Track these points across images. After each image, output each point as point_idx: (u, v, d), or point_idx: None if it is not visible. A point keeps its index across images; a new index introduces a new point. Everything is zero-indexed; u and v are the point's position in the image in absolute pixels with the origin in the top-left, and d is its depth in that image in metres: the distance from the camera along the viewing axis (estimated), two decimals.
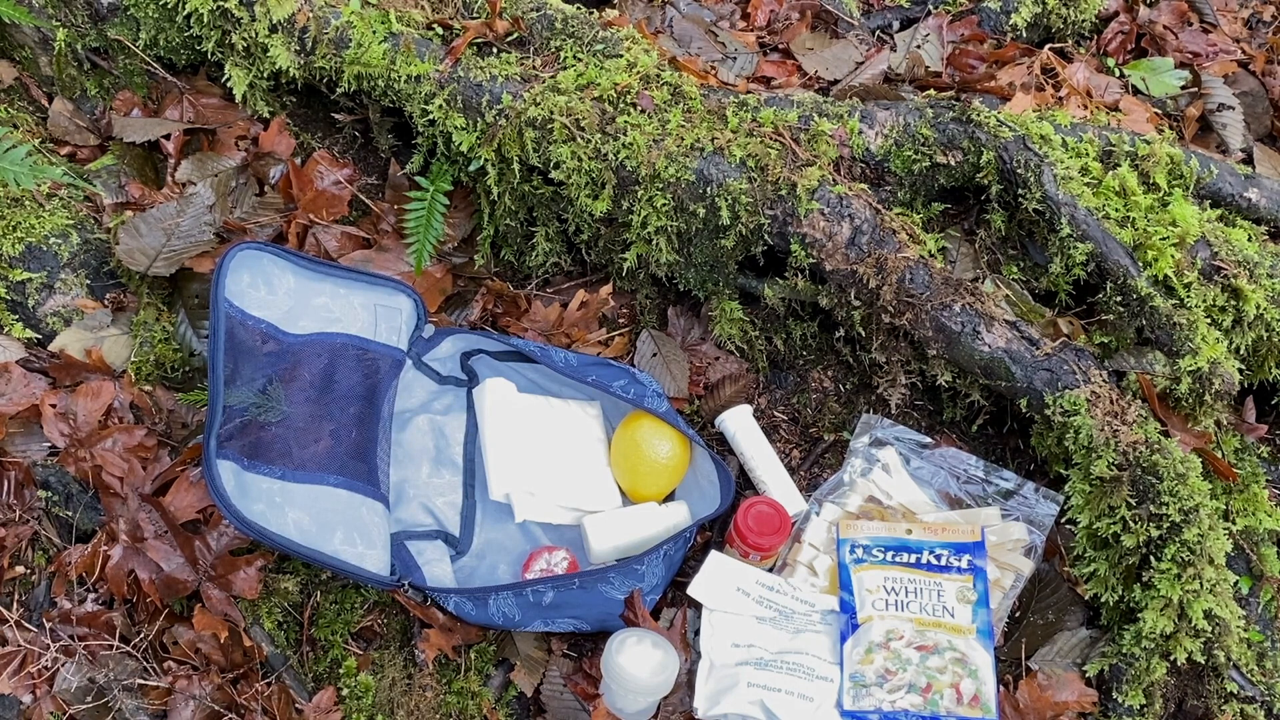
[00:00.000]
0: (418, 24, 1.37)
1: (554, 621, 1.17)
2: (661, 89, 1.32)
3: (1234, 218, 1.35)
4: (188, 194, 1.40)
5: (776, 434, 1.38)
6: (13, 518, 1.20)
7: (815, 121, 1.30)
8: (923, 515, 1.25)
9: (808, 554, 1.23)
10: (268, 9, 1.35)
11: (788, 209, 1.26)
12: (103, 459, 1.22)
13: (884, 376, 1.33)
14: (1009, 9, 1.63)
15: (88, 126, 1.48)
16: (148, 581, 1.17)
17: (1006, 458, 1.35)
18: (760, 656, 1.13)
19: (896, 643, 1.13)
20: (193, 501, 1.21)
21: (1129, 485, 1.15)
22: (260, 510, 1.09)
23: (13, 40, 1.46)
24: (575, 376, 1.26)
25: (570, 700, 1.17)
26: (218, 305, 1.17)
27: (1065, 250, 1.24)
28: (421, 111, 1.35)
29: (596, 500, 1.27)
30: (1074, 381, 1.20)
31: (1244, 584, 1.20)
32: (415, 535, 1.23)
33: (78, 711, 1.12)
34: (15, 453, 1.23)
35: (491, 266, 1.48)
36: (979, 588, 1.17)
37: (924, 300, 1.22)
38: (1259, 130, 1.64)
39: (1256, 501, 1.24)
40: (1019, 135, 1.25)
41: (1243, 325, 1.25)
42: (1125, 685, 1.14)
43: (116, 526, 1.18)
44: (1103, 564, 1.19)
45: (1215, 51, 1.70)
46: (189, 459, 1.24)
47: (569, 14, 1.38)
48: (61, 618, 1.16)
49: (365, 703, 1.18)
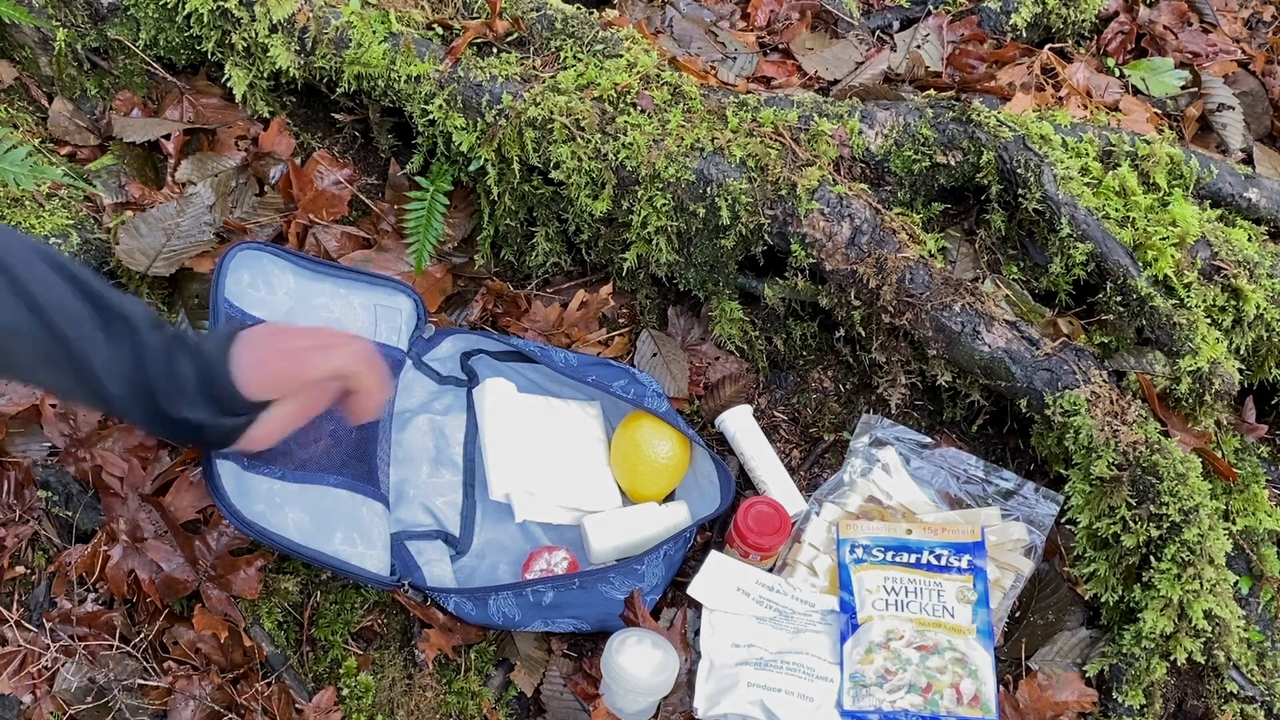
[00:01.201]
0: (418, 24, 1.37)
1: (554, 621, 1.17)
2: (661, 89, 1.32)
3: (1234, 218, 1.35)
4: (188, 194, 1.40)
5: (776, 434, 1.38)
6: (13, 518, 1.20)
7: (815, 121, 1.30)
8: (923, 515, 1.25)
9: (808, 554, 1.23)
10: (268, 9, 1.35)
11: (788, 209, 1.26)
12: (103, 459, 1.22)
13: (884, 376, 1.33)
14: (1009, 9, 1.63)
15: (88, 126, 1.48)
16: (148, 581, 1.17)
17: (1006, 458, 1.35)
18: (760, 656, 1.13)
19: (896, 643, 1.13)
20: (193, 501, 1.21)
21: (1129, 485, 1.15)
22: (260, 510, 1.09)
23: (13, 40, 1.46)
24: (575, 376, 1.26)
25: (570, 700, 1.17)
26: (217, 305, 1.17)
27: (1065, 250, 1.24)
28: (421, 111, 1.35)
29: (596, 500, 1.27)
30: (1074, 381, 1.20)
31: (1244, 584, 1.20)
32: (415, 535, 1.23)
33: (78, 711, 1.12)
34: (15, 453, 1.23)
35: (491, 266, 1.48)
36: (979, 588, 1.17)
37: (924, 300, 1.22)
38: (1259, 130, 1.64)
39: (1256, 501, 1.24)
40: (1019, 135, 1.25)
41: (1243, 325, 1.25)
42: (1125, 685, 1.14)
43: (116, 526, 1.18)
44: (1103, 564, 1.19)
45: (1215, 51, 1.69)
46: (189, 459, 1.24)
47: (569, 14, 1.38)
48: (61, 618, 1.16)
49: (365, 703, 1.18)
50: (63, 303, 0.89)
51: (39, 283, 0.87)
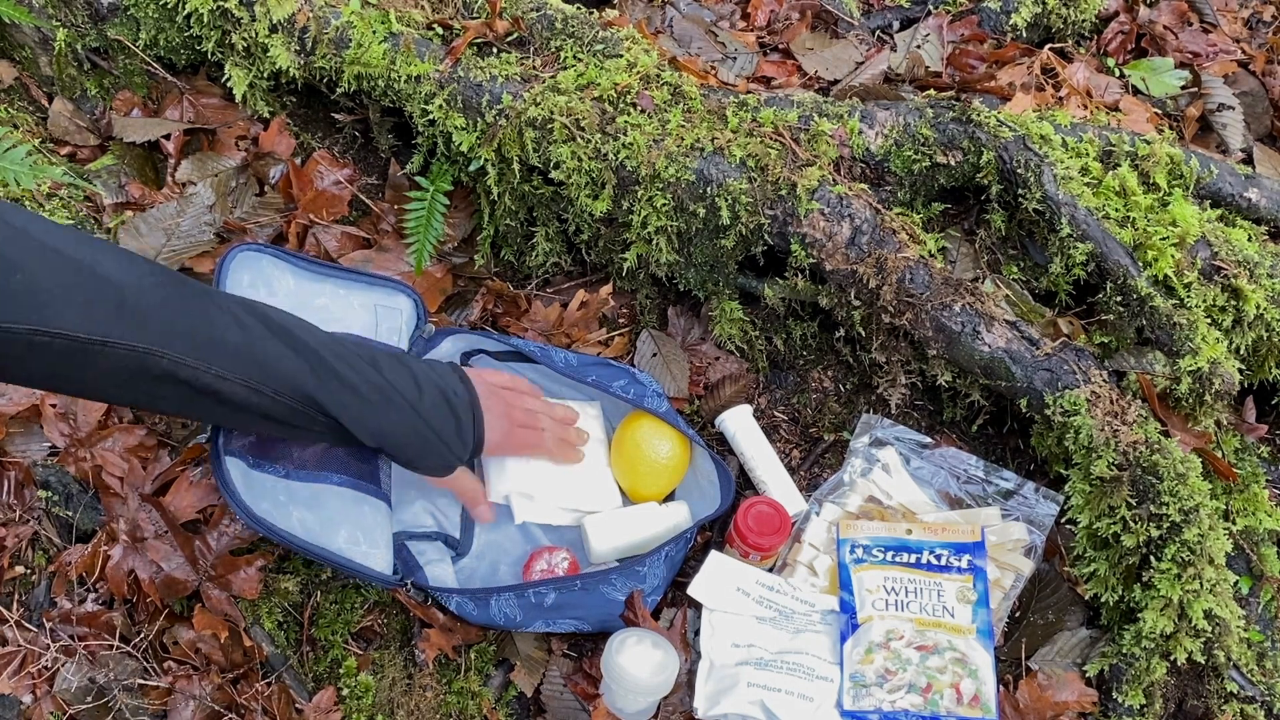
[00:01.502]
0: (418, 24, 1.37)
1: (555, 622, 1.17)
2: (661, 89, 1.32)
3: (1234, 218, 1.35)
4: (188, 194, 1.40)
5: (776, 434, 1.38)
6: (13, 518, 1.20)
7: (815, 121, 1.30)
8: (923, 515, 1.25)
9: (808, 554, 1.23)
10: (268, 9, 1.35)
11: (788, 209, 1.26)
12: (103, 459, 1.22)
13: (884, 376, 1.33)
14: (1009, 9, 1.63)
15: (88, 126, 1.48)
16: (148, 581, 1.17)
17: (1006, 458, 1.35)
18: (760, 656, 1.13)
19: (896, 643, 1.13)
20: (193, 501, 1.21)
21: (1129, 485, 1.15)
22: (266, 509, 1.10)
23: (13, 40, 1.46)
24: (575, 376, 1.26)
25: (570, 700, 1.17)
26: None
27: (1065, 250, 1.24)
28: (421, 111, 1.35)
29: (596, 500, 1.27)
30: (1074, 381, 1.20)
31: (1244, 584, 1.20)
32: (416, 536, 1.23)
33: (78, 711, 1.12)
34: (15, 453, 1.23)
35: (491, 266, 1.48)
36: (979, 588, 1.17)
37: (924, 300, 1.22)
38: (1259, 130, 1.64)
39: (1256, 501, 1.24)
40: (1019, 135, 1.25)
41: (1243, 325, 1.25)
42: (1125, 685, 1.14)
43: (116, 526, 1.18)
44: (1103, 564, 1.19)
45: (1215, 51, 1.69)
46: (189, 459, 1.24)
47: (569, 14, 1.38)
48: (61, 618, 1.16)
49: (365, 703, 1.17)
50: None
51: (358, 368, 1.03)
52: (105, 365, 0.84)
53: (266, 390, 0.95)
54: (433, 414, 1.07)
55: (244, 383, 0.93)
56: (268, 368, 0.94)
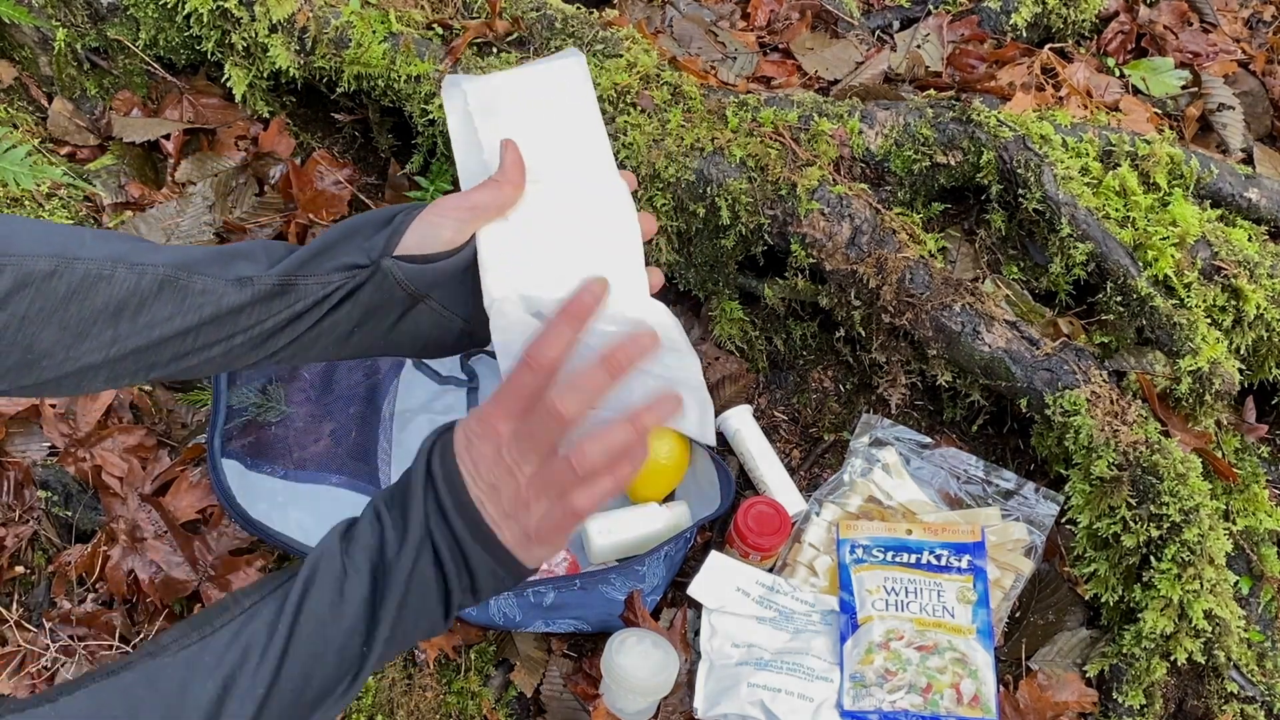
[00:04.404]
0: (418, 24, 1.37)
1: (555, 622, 1.17)
2: (661, 89, 1.32)
3: (1234, 218, 1.35)
4: (188, 194, 1.40)
5: (776, 434, 1.38)
6: (13, 518, 1.20)
7: (815, 121, 1.30)
8: (923, 515, 1.25)
9: (808, 554, 1.23)
10: (268, 9, 1.35)
11: (788, 209, 1.26)
12: (102, 459, 1.22)
13: (884, 376, 1.33)
14: (1009, 9, 1.63)
15: (88, 126, 1.48)
16: (147, 582, 1.17)
17: (1006, 458, 1.35)
18: (760, 657, 1.13)
19: (896, 643, 1.13)
20: (193, 501, 1.21)
21: (1129, 485, 1.15)
22: (264, 509, 1.10)
23: (13, 40, 1.46)
24: None
25: (570, 700, 1.17)
26: None
27: (1065, 250, 1.24)
28: (421, 111, 1.35)
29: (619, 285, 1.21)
30: (1074, 381, 1.20)
31: (1244, 584, 1.20)
32: None
33: None
34: (15, 453, 1.23)
35: None
36: (979, 588, 1.17)
37: (924, 300, 1.22)
38: (1259, 130, 1.64)
39: (1256, 501, 1.24)
40: (1019, 135, 1.25)
41: (1243, 325, 1.25)
42: (1125, 685, 1.14)
43: (116, 526, 1.18)
44: (1103, 564, 1.19)
45: (1215, 51, 1.69)
46: (189, 459, 1.24)
47: (569, 14, 1.38)
48: (61, 618, 1.16)
49: (365, 703, 1.17)
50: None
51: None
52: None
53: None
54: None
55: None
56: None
